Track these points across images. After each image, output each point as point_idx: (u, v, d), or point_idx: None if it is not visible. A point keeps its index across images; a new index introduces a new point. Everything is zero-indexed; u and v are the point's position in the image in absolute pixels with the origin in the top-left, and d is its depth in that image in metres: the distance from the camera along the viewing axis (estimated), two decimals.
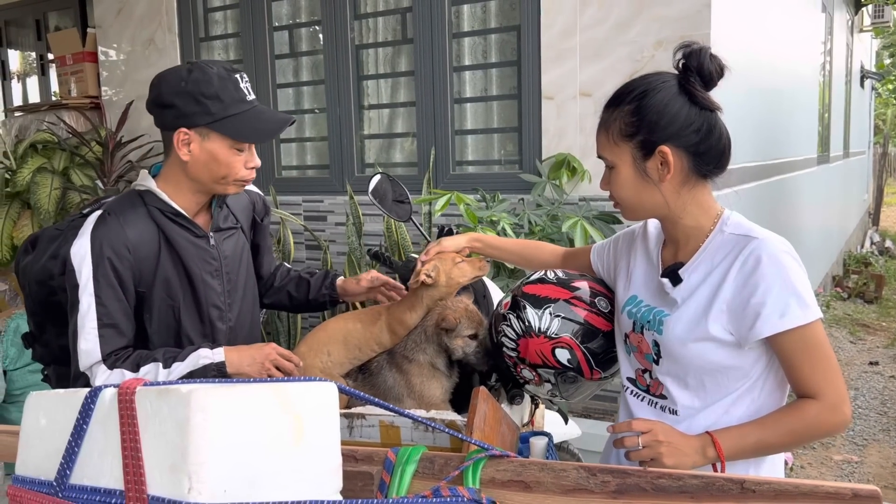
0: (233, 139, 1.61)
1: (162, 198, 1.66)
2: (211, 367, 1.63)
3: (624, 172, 1.34)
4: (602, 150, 1.37)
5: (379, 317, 1.85)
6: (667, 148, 1.30)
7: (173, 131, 1.60)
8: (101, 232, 1.60)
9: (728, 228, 1.35)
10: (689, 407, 1.37)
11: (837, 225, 8.42)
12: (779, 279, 1.25)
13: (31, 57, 6.33)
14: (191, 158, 1.62)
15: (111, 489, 0.80)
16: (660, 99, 1.31)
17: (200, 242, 1.72)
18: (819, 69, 6.89)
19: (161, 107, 1.61)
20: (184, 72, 1.60)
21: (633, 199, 1.36)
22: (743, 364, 1.33)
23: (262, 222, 1.94)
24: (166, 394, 0.79)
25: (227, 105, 1.59)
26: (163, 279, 1.66)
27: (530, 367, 1.56)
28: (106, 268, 1.58)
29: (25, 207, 4.44)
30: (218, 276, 1.76)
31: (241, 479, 0.78)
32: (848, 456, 3.98)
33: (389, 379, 1.78)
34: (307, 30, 4.30)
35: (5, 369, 3.63)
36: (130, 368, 1.59)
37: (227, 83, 1.60)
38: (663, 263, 1.44)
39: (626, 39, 3.27)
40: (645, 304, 1.43)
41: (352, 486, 1.00)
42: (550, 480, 0.97)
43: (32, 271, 1.73)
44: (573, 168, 3.36)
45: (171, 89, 1.59)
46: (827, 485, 0.87)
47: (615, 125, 1.33)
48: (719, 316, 1.30)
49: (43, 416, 0.92)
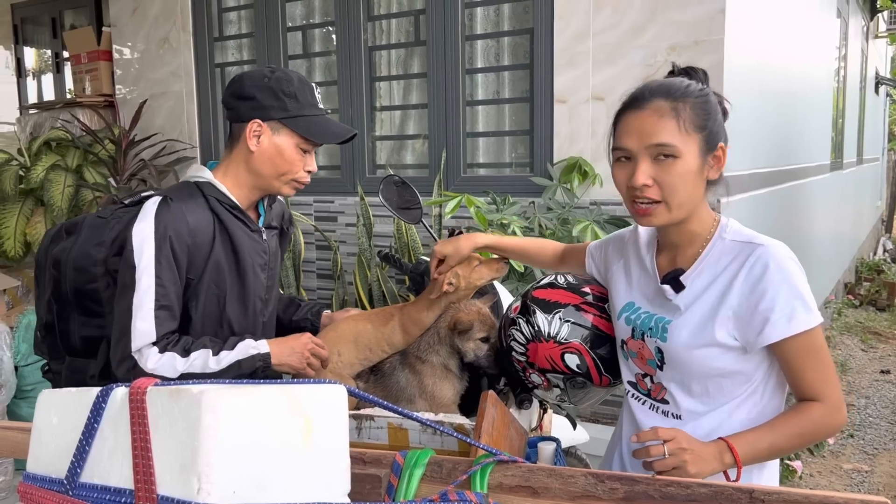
0: (302, 137, 1.70)
1: (221, 189, 1.72)
2: (258, 357, 1.68)
3: (690, 163, 1.29)
4: (668, 136, 1.28)
5: (391, 317, 1.85)
6: (723, 145, 1.33)
7: (247, 122, 1.68)
8: (165, 215, 1.63)
9: (728, 235, 1.36)
10: (692, 412, 1.38)
11: (850, 232, 8.36)
12: (786, 285, 1.27)
13: (46, 55, 6.38)
14: (258, 150, 1.70)
15: (121, 488, 0.81)
16: (715, 100, 1.34)
17: (255, 236, 1.78)
18: (833, 75, 6.85)
19: (240, 98, 1.70)
20: (267, 70, 1.71)
21: (688, 192, 1.31)
22: (746, 369, 1.34)
23: (287, 231, 2.00)
24: (177, 394, 0.80)
25: (302, 105, 1.70)
26: (213, 268, 1.70)
27: (539, 371, 1.56)
28: (168, 250, 1.62)
29: (39, 204, 4.47)
30: (265, 271, 1.82)
31: (250, 480, 0.78)
32: (858, 465, 3.95)
33: (402, 379, 1.79)
34: (321, 30, 4.31)
35: (16, 365, 3.66)
36: (181, 353, 1.62)
37: (304, 87, 1.72)
38: (660, 270, 1.43)
39: (640, 44, 3.26)
40: (644, 311, 1.43)
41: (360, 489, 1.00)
42: (558, 486, 0.97)
43: (71, 257, 1.74)
44: (584, 172, 3.35)
45: (254, 83, 1.69)
46: (837, 495, 0.86)
47: (686, 114, 1.29)
48: (725, 322, 1.31)
49: (55, 414, 0.93)
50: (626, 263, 1.52)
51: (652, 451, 1.25)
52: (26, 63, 6.45)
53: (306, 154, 1.74)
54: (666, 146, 1.28)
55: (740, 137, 3.47)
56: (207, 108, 4.61)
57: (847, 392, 5.10)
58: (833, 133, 6.95)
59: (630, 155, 1.32)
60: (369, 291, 3.66)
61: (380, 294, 3.60)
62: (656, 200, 1.30)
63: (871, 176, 10.58)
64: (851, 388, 5.19)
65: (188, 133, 4.66)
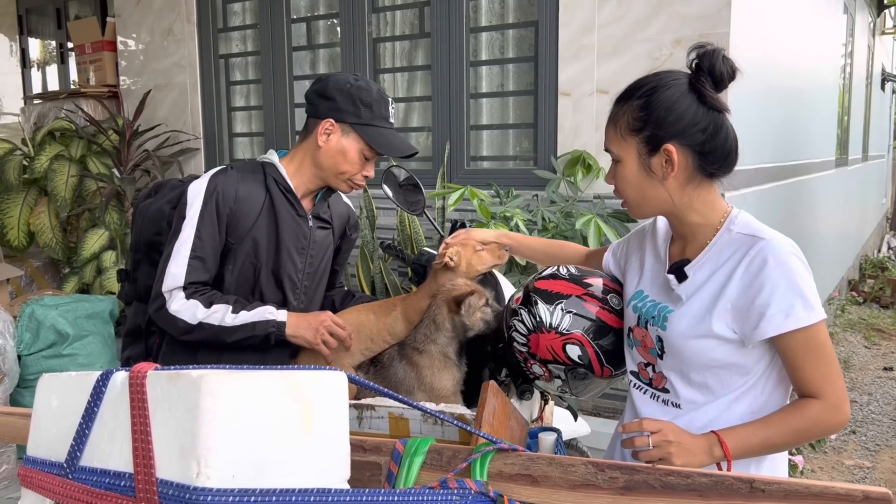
0: (367, 143, 1.82)
1: (281, 172, 1.87)
2: (272, 323, 1.78)
3: (629, 167, 1.35)
4: (609, 143, 1.38)
5: (393, 308, 1.87)
6: (672, 146, 1.31)
7: (322, 119, 1.82)
8: (220, 178, 1.81)
9: (735, 227, 1.36)
10: (691, 402, 1.39)
11: (854, 229, 8.34)
12: (784, 280, 1.26)
13: (50, 45, 6.38)
14: (325, 146, 1.83)
15: (120, 472, 0.81)
16: (668, 96, 1.32)
17: (300, 220, 1.89)
18: (839, 71, 6.82)
19: (322, 97, 1.84)
20: (352, 78, 1.85)
21: (637, 194, 1.37)
22: (745, 362, 1.34)
23: (350, 236, 2.12)
24: (177, 378, 0.79)
25: (375, 116, 1.83)
26: (253, 239, 1.83)
27: (541, 362, 1.56)
28: (213, 207, 1.78)
29: (42, 194, 4.48)
30: (303, 255, 1.92)
31: (249, 465, 0.78)
32: (860, 461, 3.94)
33: (400, 371, 1.78)
34: (325, 22, 4.30)
35: (20, 354, 3.67)
36: (204, 303, 1.76)
37: (381, 100, 1.85)
38: (671, 259, 1.45)
39: (645, 37, 3.25)
40: (650, 300, 1.45)
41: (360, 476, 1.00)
42: (558, 475, 0.97)
43: (149, 211, 1.92)
44: (588, 165, 3.34)
45: (337, 86, 1.82)
46: (838, 486, 0.86)
47: (623, 119, 1.35)
48: (723, 314, 1.31)
49: (55, 398, 0.93)
50: (643, 254, 1.54)
51: (636, 441, 1.26)
52: (31, 53, 6.45)
53: (367, 161, 1.86)
54: (610, 152, 1.38)
55: (745, 132, 3.45)
56: (211, 99, 4.60)
57: (850, 389, 5.10)
58: (838, 130, 6.93)
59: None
60: (372, 283, 3.66)
61: (382, 286, 3.60)
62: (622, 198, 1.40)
63: (876, 173, 10.54)
64: (854, 384, 5.18)
65: (192, 124, 4.66)
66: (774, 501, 0.88)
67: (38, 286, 4.63)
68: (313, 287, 1.99)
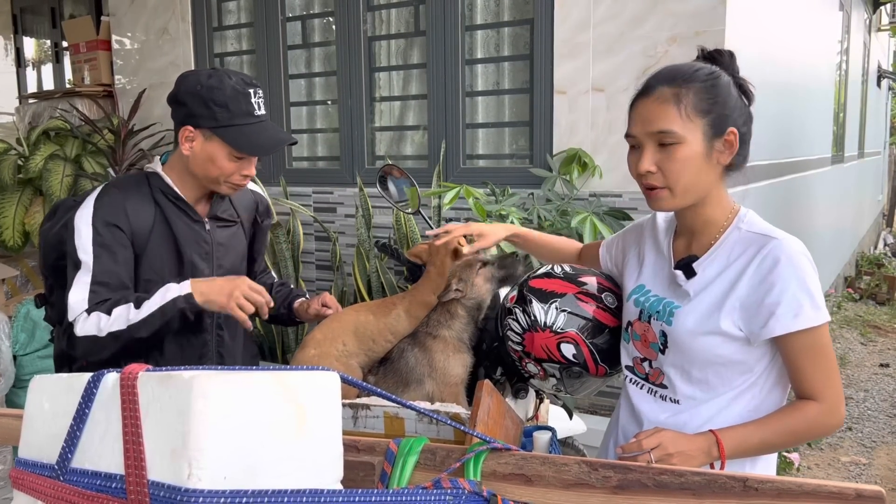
0: (230, 147, 1.72)
1: (166, 181, 1.80)
2: (179, 299, 1.67)
3: (694, 148, 1.29)
4: (668, 123, 1.29)
5: (393, 307, 1.86)
6: (735, 130, 1.31)
7: (182, 126, 1.74)
8: (104, 200, 1.73)
9: (745, 226, 1.36)
10: (690, 398, 1.39)
11: (851, 226, 8.35)
12: (795, 280, 1.27)
13: (45, 44, 6.36)
14: (191, 154, 1.74)
15: (112, 473, 0.80)
16: (727, 83, 1.33)
17: (196, 226, 1.83)
18: (835, 68, 6.83)
19: (176, 103, 1.75)
20: (203, 76, 1.73)
21: (693, 178, 1.31)
22: (748, 359, 1.34)
23: (262, 223, 2.03)
24: (168, 380, 0.79)
25: (233, 115, 1.70)
26: (151, 254, 1.77)
27: (535, 361, 1.56)
28: (104, 232, 1.70)
29: (38, 194, 4.46)
30: (207, 260, 1.85)
31: (241, 466, 0.78)
32: (856, 458, 3.95)
33: (412, 359, 1.78)
34: (320, 21, 4.29)
35: (15, 354, 3.66)
36: (105, 311, 1.67)
37: (239, 95, 1.71)
38: (675, 255, 1.44)
39: (640, 34, 3.25)
40: (654, 294, 1.44)
41: (353, 476, 0.99)
42: (552, 474, 0.97)
43: (49, 236, 1.85)
44: (584, 163, 3.34)
45: (187, 89, 1.72)
46: (830, 484, 0.86)
47: (689, 99, 1.29)
48: (732, 312, 1.31)
49: (46, 400, 0.92)
50: (641, 249, 1.53)
51: (639, 460, 1.25)
52: (26, 53, 6.43)
53: (241, 160, 1.75)
54: (667, 133, 1.29)
55: None
56: None
57: (846, 385, 5.11)
58: (834, 126, 6.93)
59: (637, 143, 1.34)
60: (368, 282, 3.65)
61: (378, 285, 3.60)
62: (662, 186, 1.32)
63: (872, 170, 10.56)
64: (850, 381, 5.19)
65: None
66: (768, 500, 0.88)
67: (33, 286, 4.62)
68: None
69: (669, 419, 1.40)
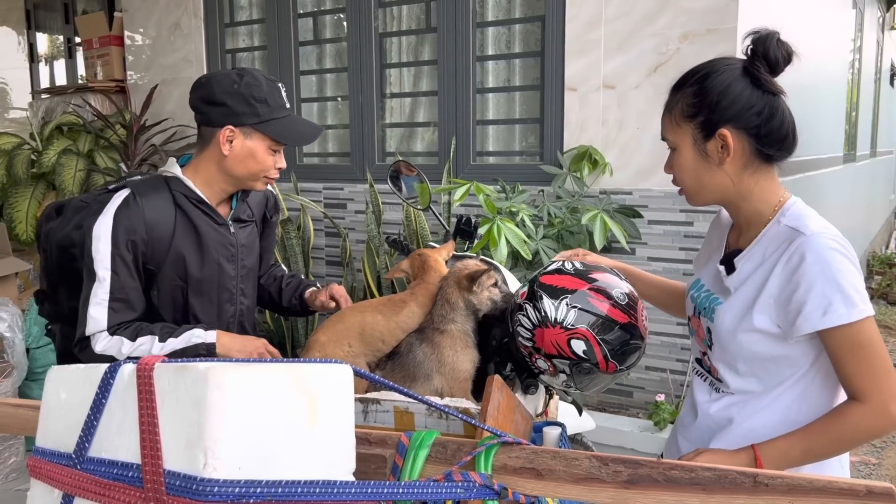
0: (274, 140, 1.76)
1: (188, 185, 1.78)
2: (202, 346, 1.73)
3: (685, 154, 1.35)
4: (665, 132, 1.38)
5: (404, 304, 1.83)
6: (727, 130, 1.30)
7: (220, 128, 1.73)
8: (123, 213, 1.71)
9: (784, 220, 1.33)
10: (742, 392, 1.39)
11: (862, 225, 8.30)
12: (822, 277, 1.23)
13: (58, 40, 6.40)
14: (231, 154, 1.75)
15: (128, 462, 0.81)
16: (721, 80, 1.31)
17: (221, 229, 1.83)
18: (847, 66, 6.79)
19: (211, 104, 1.73)
20: (234, 75, 1.74)
21: (694, 181, 1.36)
22: (792, 354, 1.32)
23: (271, 219, 2.06)
24: (184, 371, 0.80)
25: (272, 109, 1.74)
26: (174, 260, 1.77)
27: (545, 357, 1.56)
28: (123, 247, 1.70)
29: (50, 188, 4.50)
30: (233, 262, 1.87)
31: (255, 457, 0.78)
32: (865, 458, 3.94)
33: (419, 354, 1.77)
34: (331, 17, 4.30)
35: (28, 347, 3.69)
36: (129, 337, 1.70)
37: (273, 89, 1.76)
38: (727, 248, 1.45)
39: (652, 32, 3.24)
40: (705, 289, 1.45)
41: (365, 469, 1.00)
42: (562, 469, 0.97)
43: (56, 237, 1.84)
44: (595, 160, 3.34)
45: (224, 90, 1.72)
46: (841, 480, 0.86)
47: (677, 106, 1.34)
48: (766, 308, 1.31)
49: (63, 390, 0.93)
50: (710, 243, 1.55)
51: None
52: (39, 48, 6.47)
53: (276, 153, 1.79)
54: (666, 140, 1.38)
55: None
56: None
57: None
58: (846, 125, 6.89)
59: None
60: (377, 278, 3.66)
61: (388, 281, 3.61)
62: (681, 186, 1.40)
63: (884, 169, 10.48)
64: None
65: None
66: (778, 495, 0.88)
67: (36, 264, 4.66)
68: (249, 287, 1.96)
69: (719, 412, 1.41)
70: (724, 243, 1.46)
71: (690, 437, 1.48)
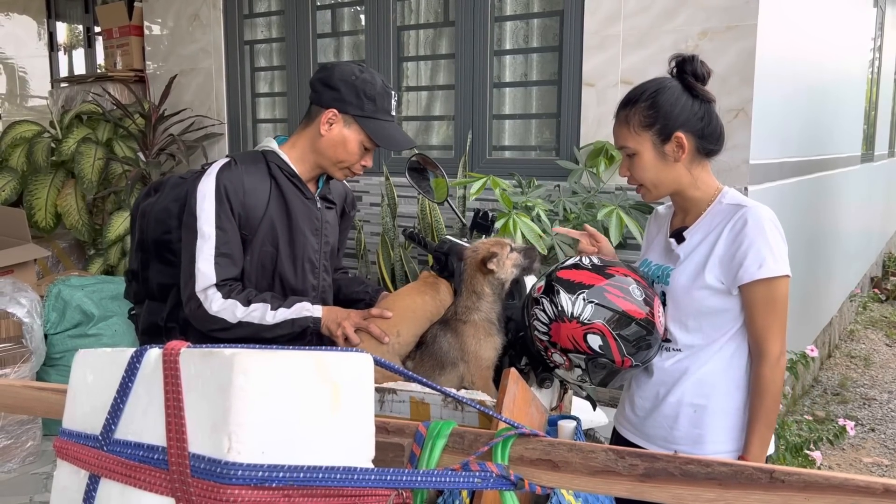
0: (368, 136, 1.86)
1: (284, 159, 1.91)
2: (309, 319, 1.84)
3: (646, 157, 1.62)
4: (624, 140, 1.64)
5: (437, 283, 1.93)
6: (681, 133, 1.60)
7: (325, 109, 1.85)
8: (226, 174, 1.83)
9: (726, 200, 1.65)
10: (690, 346, 1.65)
11: (879, 225, 8.23)
12: (759, 238, 1.55)
13: (78, 29, 6.45)
14: (327, 135, 1.86)
15: (154, 445, 0.83)
16: (670, 94, 1.61)
17: (309, 203, 1.94)
18: (867, 65, 6.72)
19: (326, 85, 1.86)
20: (356, 69, 1.87)
21: (655, 178, 1.64)
22: (733, 308, 1.61)
23: (348, 213, 2.16)
24: (210, 356, 0.81)
25: (377, 109, 1.87)
26: (267, 227, 1.87)
27: (561, 351, 1.57)
28: (226, 204, 1.81)
29: (69, 176, 4.54)
30: (317, 236, 1.98)
31: (278, 441, 0.80)
32: (878, 459, 3.92)
33: (444, 344, 1.80)
34: (350, 10, 4.31)
35: (46, 333, 3.73)
36: (243, 302, 1.80)
37: (385, 94, 1.88)
38: (671, 229, 1.73)
39: (671, 28, 3.23)
40: (654, 264, 1.73)
41: (383, 457, 1.01)
42: (579, 461, 0.98)
43: (154, 211, 1.96)
44: (611, 156, 3.33)
45: (343, 76, 1.84)
46: (858, 478, 0.86)
47: (635, 119, 1.61)
48: (713, 268, 1.59)
49: (90, 373, 0.95)
50: (650, 234, 1.86)
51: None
52: (59, 37, 6.52)
53: (367, 151, 1.90)
54: (625, 148, 1.65)
55: (770, 125, 3.43)
56: (236, 84, 4.64)
57: (870, 387, 5.06)
58: (865, 125, 6.83)
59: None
60: (392, 271, 3.68)
61: (402, 274, 3.62)
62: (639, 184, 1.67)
63: None
64: (874, 382, 5.14)
65: (216, 110, 4.70)
66: (794, 492, 0.89)
67: (64, 267, 4.71)
68: (330, 267, 2.05)
69: (673, 365, 1.66)
70: (668, 227, 1.75)
71: (645, 394, 1.71)
